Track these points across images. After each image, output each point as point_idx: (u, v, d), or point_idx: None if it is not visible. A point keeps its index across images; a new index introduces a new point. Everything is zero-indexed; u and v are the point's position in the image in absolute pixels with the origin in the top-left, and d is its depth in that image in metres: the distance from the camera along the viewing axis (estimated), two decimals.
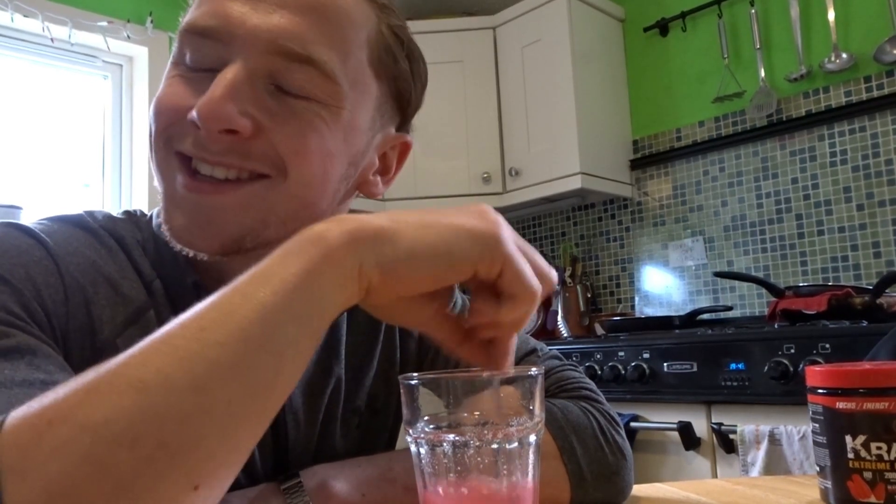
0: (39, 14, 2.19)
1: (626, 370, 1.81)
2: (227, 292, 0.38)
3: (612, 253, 2.64)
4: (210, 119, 0.51)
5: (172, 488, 0.34)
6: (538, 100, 2.47)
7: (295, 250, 0.40)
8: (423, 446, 0.42)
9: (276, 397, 0.39)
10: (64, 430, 0.33)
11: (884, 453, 0.52)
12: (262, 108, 0.54)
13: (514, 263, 0.43)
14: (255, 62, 0.53)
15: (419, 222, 0.43)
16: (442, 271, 0.42)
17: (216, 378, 0.35)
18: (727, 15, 2.36)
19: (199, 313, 0.38)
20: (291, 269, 0.39)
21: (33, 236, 0.54)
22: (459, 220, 0.43)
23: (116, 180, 2.49)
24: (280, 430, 0.63)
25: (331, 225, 0.41)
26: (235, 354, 0.36)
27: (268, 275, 0.39)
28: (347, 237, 0.40)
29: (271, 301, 0.38)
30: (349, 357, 0.69)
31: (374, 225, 0.41)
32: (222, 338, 0.36)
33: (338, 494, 0.55)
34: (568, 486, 0.60)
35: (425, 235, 0.42)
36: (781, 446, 1.52)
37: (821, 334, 1.55)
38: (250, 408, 0.37)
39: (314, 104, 0.55)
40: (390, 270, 0.41)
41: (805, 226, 2.17)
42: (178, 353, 0.36)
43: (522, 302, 0.44)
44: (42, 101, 2.37)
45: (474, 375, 0.44)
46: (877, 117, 2.05)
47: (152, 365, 0.35)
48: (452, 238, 0.42)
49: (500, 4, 2.64)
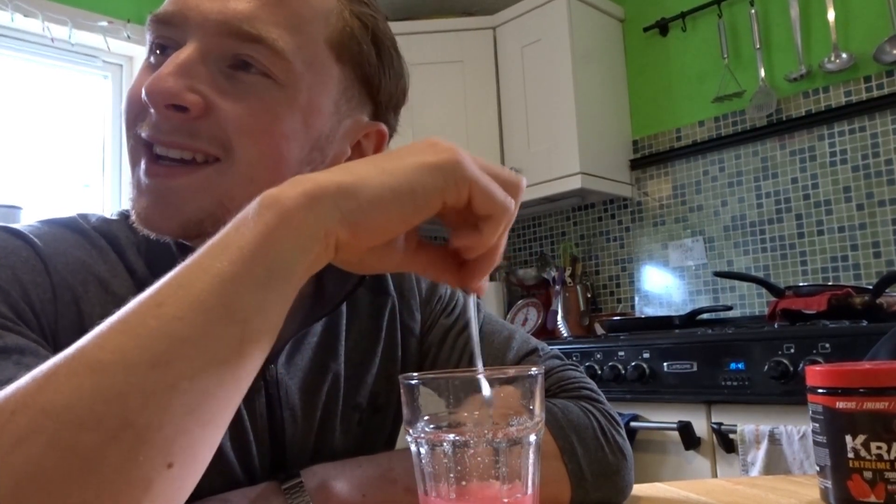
0: (40, 14, 2.19)
1: (626, 370, 1.82)
2: (183, 266, 0.38)
3: (612, 253, 2.64)
4: (154, 93, 0.52)
5: (143, 467, 0.34)
6: (538, 100, 2.47)
7: (250, 217, 0.40)
8: (424, 446, 0.42)
9: (246, 365, 0.38)
10: (26, 417, 0.33)
11: (884, 453, 0.52)
12: (214, 87, 0.54)
13: (480, 184, 0.43)
14: (206, 43, 0.54)
15: (377, 168, 0.42)
16: (410, 212, 0.42)
17: (176, 352, 0.35)
18: (727, 15, 2.36)
19: (156, 290, 0.37)
20: (247, 236, 0.39)
21: (20, 237, 0.54)
22: (415, 157, 0.43)
23: (116, 180, 2.49)
24: (277, 426, 0.63)
25: (285, 188, 0.41)
26: (194, 327, 0.36)
27: (224, 244, 0.39)
28: (304, 198, 0.40)
29: (229, 270, 0.37)
30: (350, 354, 0.68)
31: (333, 181, 0.41)
32: (180, 312, 0.36)
33: (338, 494, 0.55)
34: (568, 485, 0.60)
35: (386, 180, 0.42)
36: (781, 446, 1.52)
37: (821, 334, 1.55)
38: (218, 379, 0.36)
39: (268, 83, 0.55)
40: (358, 223, 0.41)
41: (805, 226, 2.17)
42: (135, 330, 0.35)
43: (498, 219, 0.44)
44: (42, 101, 2.37)
45: (475, 375, 0.44)
46: (877, 117, 2.05)
47: (109, 345, 0.35)
48: (413, 176, 0.42)
49: (500, 4, 2.64)
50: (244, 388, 0.39)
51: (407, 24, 2.62)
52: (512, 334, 0.73)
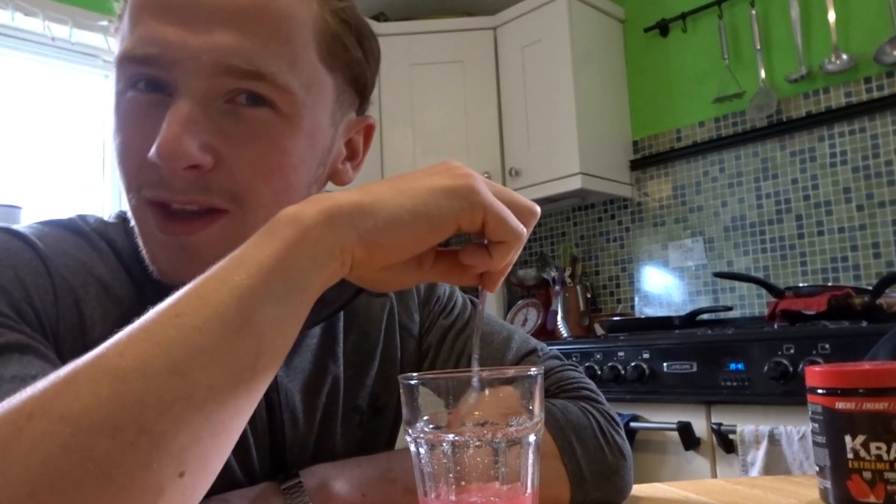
0: (40, 13, 2.19)
1: (626, 370, 1.82)
2: (203, 279, 0.39)
3: (612, 253, 2.64)
4: (170, 159, 0.50)
5: (157, 475, 0.34)
6: (538, 100, 2.47)
7: (269, 233, 0.40)
8: (423, 446, 0.42)
9: (260, 378, 0.39)
10: (43, 422, 0.33)
11: (883, 453, 0.52)
12: (220, 135, 0.52)
13: (494, 210, 0.44)
14: (203, 87, 0.51)
15: (394, 190, 0.43)
16: (425, 233, 0.43)
17: (195, 362, 0.36)
18: (727, 15, 2.36)
19: (175, 300, 0.38)
20: (266, 251, 0.39)
21: (22, 239, 0.55)
22: (432, 180, 0.44)
23: (116, 181, 2.48)
24: (277, 428, 0.63)
25: (304, 206, 0.41)
26: (213, 338, 0.36)
27: (243, 259, 0.39)
28: (322, 216, 0.41)
29: (247, 284, 0.38)
30: (350, 356, 0.69)
31: (351, 201, 0.42)
32: (199, 322, 0.36)
33: (338, 494, 0.55)
34: (568, 485, 0.60)
35: (402, 202, 0.42)
36: (781, 446, 1.52)
37: (820, 335, 1.55)
38: (233, 390, 0.37)
39: (272, 115, 0.54)
40: (373, 242, 0.42)
41: (805, 226, 2.17)
42: (154, 339, 0.36)
43: (510, 245, 0.45)
44: (42, 101, 2.37)
45: (474, 376, 0.44)
46: (877, 118, 2.05)
47: (129, 353, 0.35)
48: (429, 199, 0.43)
49: (500, 5, 2.64)
50: (256, 401, 0.39)
51: (407, 24, 2.62)
52: (511, 335, 0.73)
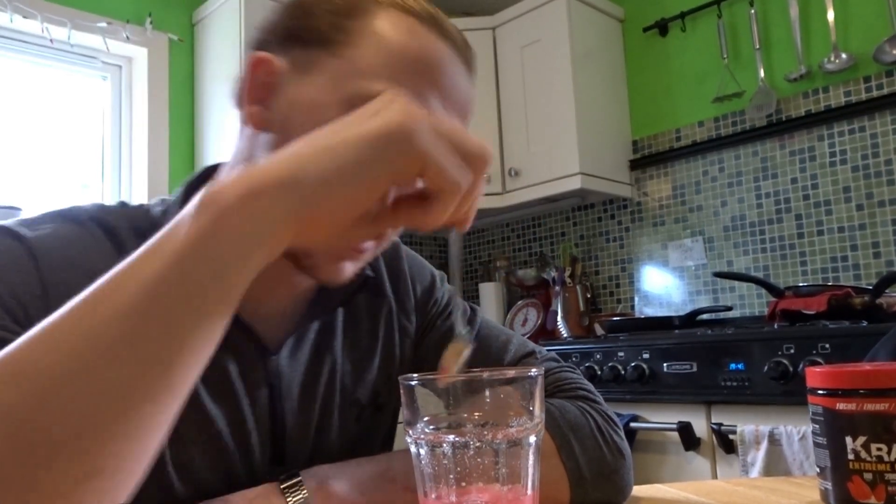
0: (39, 15, 2.19)
1: (626, 370, 1.81)
2: (115, 271, 0.37)
3: (612, 253, 2.64)
4: None
5: (63, 477, 0.33)
6: (538, 100, 2.47)
7: (187, 217, 0.38)
8: (423, 447, 0.42)
9: (183, 370, 0.36)
10: None
11: (884, 454, 0.52)
12: None
13: (433, 159, 0.40)
14: None
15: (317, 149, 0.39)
16: (357, 196, 0.39)
17: (101, 359, 0.34)
18: (727, 15, 2.36)
19: (85, 296, 0.36)
20: (181, 238, 0.37)
21: (12, 235, 0.54)
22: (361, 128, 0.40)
23: (116, 181, 2.49)
24: (278, 418, 0.63)
25: (225, 186, 0.38)
26: (121, 332, 0.35)
27: (157, 247, 0.37)
28: (241, 200, 0.37)
29: (160, 274, 0.36)
30: (349, 350, 0.69)
31: (273, 176, 0.38)
32: (106, 317, 0.35)
33: (338, 494, 0.55)
34: (567, 485, 0.60)
35: (327, 165, 0.39)
36: (781, 447, 1.52)
37: (820, 334, 1.55)
38: (150, 384, 0.35)
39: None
40: (302, 219, 0.39)
41: (805, 226, 2.17)
42: (58, 337, 0.34)
43: (449, 198, 0.41)
44: (41, 102, 2.37)
45: (474, 376, 0.44)
46: (876, 117, 2.05)
47: (32, 354, 0.34)
48: (358, 153, 0.39)
49: (500, 4, 2.64)
50: (184, 392, 0.37)
51: None
52: (509, 338, 0.73)
